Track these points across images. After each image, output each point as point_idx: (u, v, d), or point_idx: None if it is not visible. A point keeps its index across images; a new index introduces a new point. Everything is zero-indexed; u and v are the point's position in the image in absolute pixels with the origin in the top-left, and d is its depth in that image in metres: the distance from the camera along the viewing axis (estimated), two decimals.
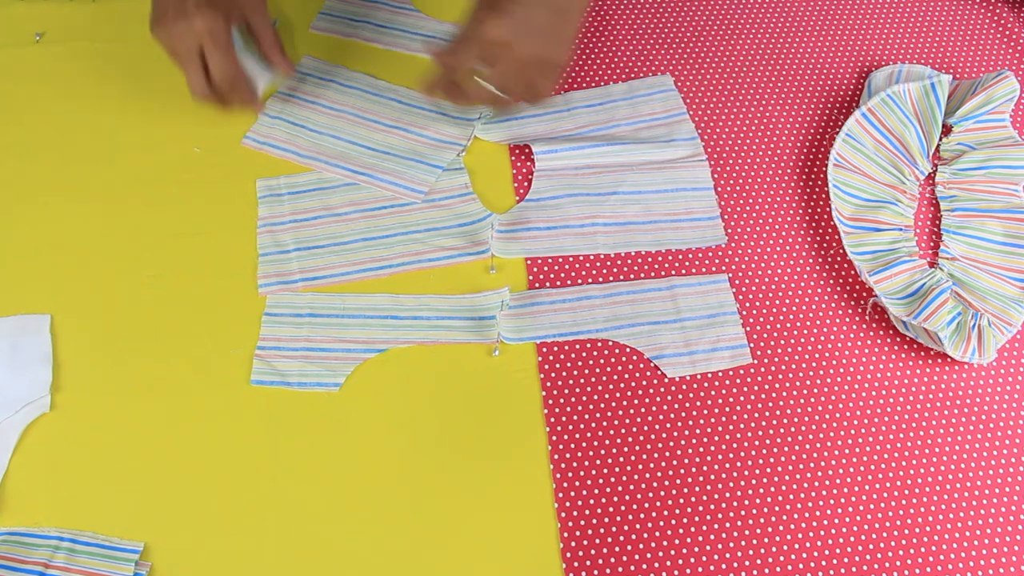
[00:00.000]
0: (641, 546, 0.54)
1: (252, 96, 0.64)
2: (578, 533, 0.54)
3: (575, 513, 0.55)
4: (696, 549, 0.54)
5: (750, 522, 0.56)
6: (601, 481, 0.56)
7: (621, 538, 0.54)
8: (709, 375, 0.60)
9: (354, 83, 0.71)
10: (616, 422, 0.58)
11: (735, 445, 0.58)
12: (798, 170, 0.70)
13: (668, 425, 0.58)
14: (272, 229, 0.63)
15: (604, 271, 0.63)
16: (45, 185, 0.65)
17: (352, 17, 0.75)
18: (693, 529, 0.55)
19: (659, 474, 0.57)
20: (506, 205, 0.66)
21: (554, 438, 0.57)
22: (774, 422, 0.59)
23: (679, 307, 0.62)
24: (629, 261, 0.64)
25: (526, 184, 0.67)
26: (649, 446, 0.58)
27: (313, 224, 0.64)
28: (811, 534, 0.55)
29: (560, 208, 0.65)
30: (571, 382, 0.59)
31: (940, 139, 0.71)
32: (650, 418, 0.58)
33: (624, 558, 0.54)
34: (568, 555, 0.54)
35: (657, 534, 0.55)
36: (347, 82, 0.71)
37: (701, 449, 0.58)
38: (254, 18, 0.63)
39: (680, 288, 0.63)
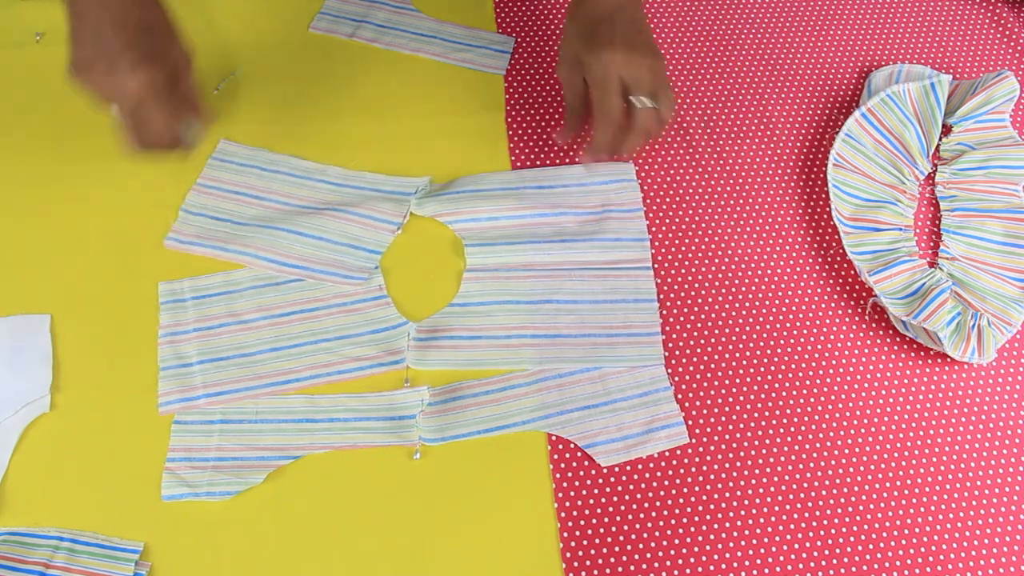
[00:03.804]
0: (641, 546, 0.54)
1: (187, 146, 0.60)
2: (578, 533, 0.54)
3: (575, 513, 0.55)
4: (696, 549, 0.54)
5: (750, 522, 0.56)
6: (601, 481, 0.56)
7: (621, 538, 0.54)
8: (708, 374, 0.60)
9: (277, 167, 0.66)
10: None
11: (735, 445, 0.58)
12: (798, 170, 0.70)
13: None
14: (174, 340, 0.59)
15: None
16: (45, 185, 0.65)
17: (352, 17, 0.75)
18: (693, 529, 0.55)
19: (659, 474, 0.57)
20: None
21: (553, 438, 0.57)
22: (774, 422, 0.59)
23: (608, 388, 0.59)
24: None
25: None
26: None
27: (218, 332, 0.59)
28: (811, 534, 0.55)
29: (487, 316, 0.61)
30: None
31: (940, 139, 0.71)
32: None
33: (624, 558, 0.54)
34: (568, 555, 0.54)
35: (657, 534, 0.55)
36: (269, 166, 0.66)
37: (701, 449, 0.58)
38: (183, 73, 0.59)
39: (609, 367, 0.59)
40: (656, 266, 0.64)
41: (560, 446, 0.57)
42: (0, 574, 0.50)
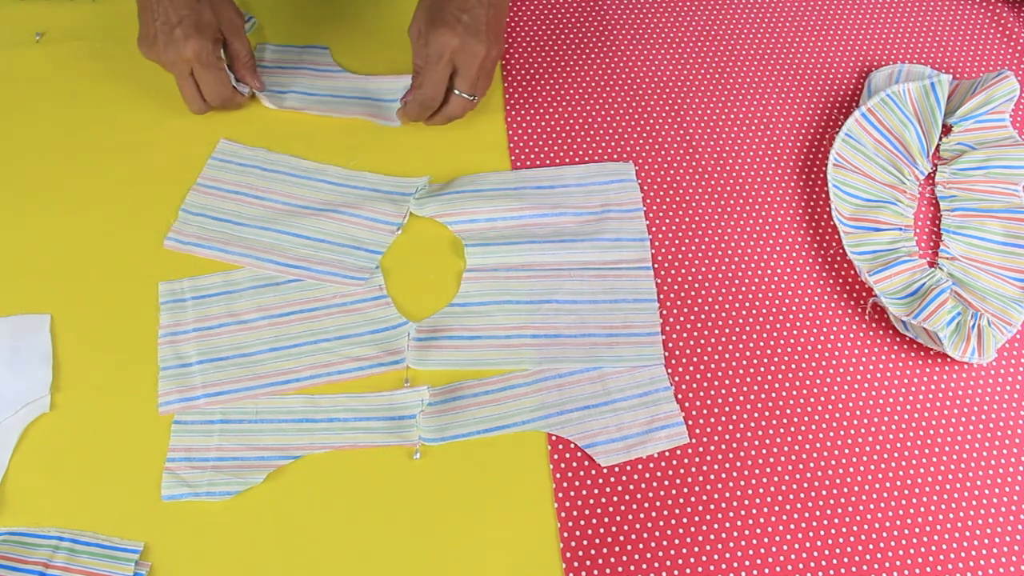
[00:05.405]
0: (641, 546, 0.54)
1: (240, 101, 0.68)
2: (578, 533, 0.54)
3: (575, 513, 0.55)
4: (696, 549, 0.54)
5: (750, 522, 0.56)
6: (601, 481, 0.56)
7: (621, 538, 0.54)
8: (708, 374, 0.60)
9: (277, 167, 0.66)
10: None
11: (735, 445, 0.58)
12: (798, 170, 0.70)
13: None
14: (174, 340, 0.59)
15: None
16: (45, 185, 0.65)
17: (278, 88, 0.70)
18: (693, 529, 0.55)
19: (659, 474, 0.57)
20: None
21: (553, 438, 0.57)
22: (774, 422, 0.59)
23: (608, 388, 0.58)
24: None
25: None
26: None
27: (218, 332, 0.59)
28: (811, 534, 0.56)
29: (487, 316, 0.61)
30: None
31: (940, 139, 0.71)
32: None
33: (624, 558, 0.54)
34: (568, 555, 0.54)
35: (657, 534, 0.55)
36: (269, 166, 0.66)
37: (701, 449, 0.58)
38: (233, 39, 0.65)
39: (609, 367, 0.59)
40: (656, 266, 0.64)
41: (560, 446, 0.57)
42: (0, 574, 0.50)
